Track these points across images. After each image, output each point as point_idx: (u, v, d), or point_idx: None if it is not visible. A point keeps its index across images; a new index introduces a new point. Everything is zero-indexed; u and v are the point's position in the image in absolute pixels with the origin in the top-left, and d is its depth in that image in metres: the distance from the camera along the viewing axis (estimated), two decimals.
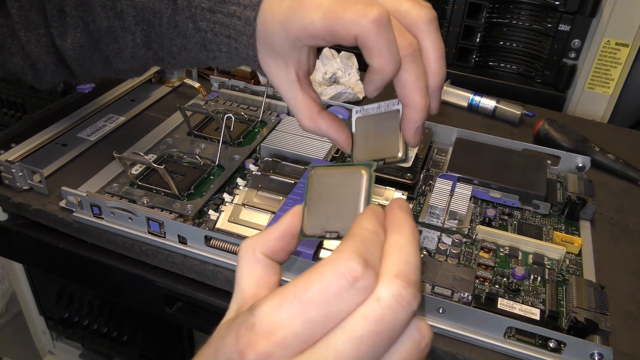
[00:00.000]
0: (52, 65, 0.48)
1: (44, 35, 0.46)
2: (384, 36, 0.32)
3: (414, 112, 0.34)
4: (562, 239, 0.50)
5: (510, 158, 0.59)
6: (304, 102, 0.37)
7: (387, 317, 0.22)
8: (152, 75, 0.74)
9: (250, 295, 0.26)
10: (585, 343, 0.39)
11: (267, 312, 0.22)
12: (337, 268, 0.22)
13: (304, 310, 0.22)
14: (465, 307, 0.42)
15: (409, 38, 0.33)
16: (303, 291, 0.22)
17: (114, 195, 0.52)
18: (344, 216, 0.28)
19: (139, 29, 0.43)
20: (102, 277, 0.54)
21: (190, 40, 0.41)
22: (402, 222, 0.26)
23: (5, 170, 0.53)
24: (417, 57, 0.33)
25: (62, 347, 0.87)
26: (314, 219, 0.29)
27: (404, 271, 0.23)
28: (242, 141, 0.61)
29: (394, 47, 0.32)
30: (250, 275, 0.27)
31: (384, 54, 0.32)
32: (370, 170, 0.29)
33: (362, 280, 0.22)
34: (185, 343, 0.74)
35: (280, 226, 0.28)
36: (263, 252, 0.27)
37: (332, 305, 0.22)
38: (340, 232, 0.28)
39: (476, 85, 0.77)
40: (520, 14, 0.78)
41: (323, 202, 0.29)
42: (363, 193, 0.29)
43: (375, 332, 0.21)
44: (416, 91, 0.34)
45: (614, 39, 0.74)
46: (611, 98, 0.78)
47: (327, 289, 0.22)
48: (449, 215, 0.51)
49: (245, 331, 0.22)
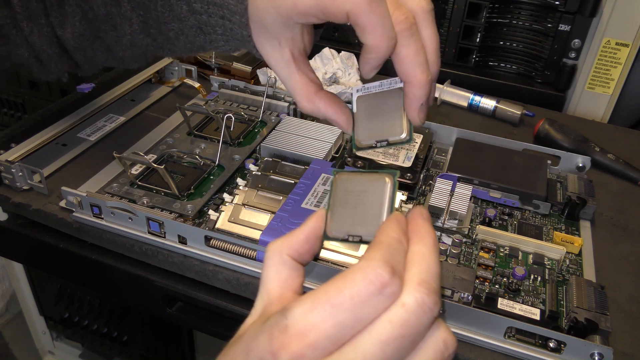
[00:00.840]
0: (55, 56, 0.48)
1: (45, 25, 0.46)
2: (377, 11, 0.31)
3: (416, 89, 0.34)
4: (562, 239, 0.50)
5: (510, 158, 0.59)
6: (301, 82, 0.37)
7: (412, 321, 0.23)
8: (152, 75, 0.74)
9: (276, 297, 0.27)
10: (585, 343, 0.39)
11: (300, 315, 0.23)
12: (366, 275, 0.23)
13: (335, 313, 0.23)
14: (465, 307, 0.42)
15: (404, 12, 0.32)
16: (334, 296, 0.23)
17: (114, 195, 0.52)
18: (368, 221, 0.30)
19: (135, 15, 0.42)
20: (102, 277, 0.54)
21: (186, 23, 0.40)
22: (425, 232, 0.27)
23: (5, 170, 0.53)
24: (415, 31, 0.32)
25: (62, 347, 0.87)
26: (338, 222, 0.30)
27: (427, 279, 0.24)
28: (242, 141, 0.61)
29: (388, 22, 0.31)
30: (276, 276, 0.28)
31: (378, 30, 0.31)
32: (394, 178, 0.30)
33: (389, 286, 0.23)
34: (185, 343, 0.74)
35: (305, 229, 0.29)
36: (289, 254, 0.28)
37: (361, 310, 0.23)
38: (363, 237, 0.30)
39: (476, 85, 0.77)
40: (520, 14, 0.78)
41: (347, 207, 0.30)
42: (387, 200, 0.30)
43: (401, 336, 0.23)
44: (416, 66, 0.33)
45: (614, 39, 0.74)
46: (611, 98, 0.78)
47: (357, 295, 0.23)
48: (449, 215, 0.51)
49: (279, 332, 0.23)
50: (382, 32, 0.32)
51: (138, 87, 0.72)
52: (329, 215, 0.30)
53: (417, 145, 0.59)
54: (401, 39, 0.32)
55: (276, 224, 0.47)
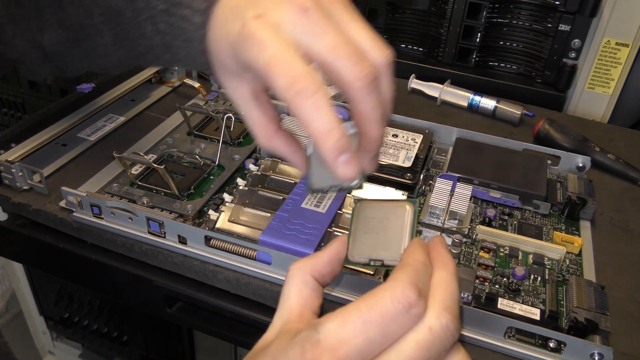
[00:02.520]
0: (37, 60, 0.47)
1: (27, 30, 0.46)
2: (306, 110, 0.30)
3: (369, 143, 0.34)
4: (562, 239, 0.50)
5: (510, 158, 0.59)
6: (260, 120, 0.36)
7: (436, 345, 0.25)
8: (152, 75, 0.74)
9: (296, 314, 0.28)
10: (585, 343, 0.39)
11: (331, 330, 0.25)
12: (395, 295, 0.25)
13: (366, 329, 0.24)
14: (465, 307, 0.42)
15: (366, 67, 0.31)
16: (366, 312, 0.25)
17: (114, 195, 0.52)
18: (389, 246, 0.31)
19: (106, 28, 0.42)
20: (102, 277, 0.54)
21: (153, 41, 0.40)
22: (447, 259, 0.29)
23: (5, 170, 0.53)
24: (374, 87, 0.32)
25: (62, 347, 0.87)
26: (359, 247, 0.32)
27: (450, 306, 0.26)
28: (242, 141, 0.61)
29: (322, 114, 0.30)
30: (298, 294, 0.29)
31: (310, 125, 0.31)
32: (415, 206, 0.32)
33: (415, 307, 0.25)
34: (185, 343, 0.74)
35: (329, 252, 0.30)
36: (312, 274, 0.29)
37: (390, 327, 0.25)
38: (385, 261, 0.31)
39: (476, 85, 0.77)
40: (520, 14, 0.78)
41: (368, 233, 0.32)
42: (408, 226, 0.32)
43: (426, 357, 0.25)
44: (372, 123, 0.33)
45: (614, 39, 0.74)
46: (611, 98, 0.78)
47: (386, 312, 0.25)
48: (449, 215, 0.51)
49: (311, 346, 0.24)
50: (315, 126, 0.30)
51: (138, 87, 0.72)
52: (351, 240, 0.32)
53: (417, 145, 0.59)
54: (360, 96, 0.32)
55: (276, 223, 0.47)
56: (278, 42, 0.31)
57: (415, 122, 0.64)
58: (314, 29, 0.31)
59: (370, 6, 0.85)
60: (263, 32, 0.31)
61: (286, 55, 0.31)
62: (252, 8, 0.32)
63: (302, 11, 0.31)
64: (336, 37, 0.31)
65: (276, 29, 0.31)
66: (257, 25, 0.31)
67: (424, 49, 0.87)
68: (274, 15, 0.31)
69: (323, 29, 0.31)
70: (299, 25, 0.31)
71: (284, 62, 0.30)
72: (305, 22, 0.31)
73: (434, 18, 0.83)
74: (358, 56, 0.31)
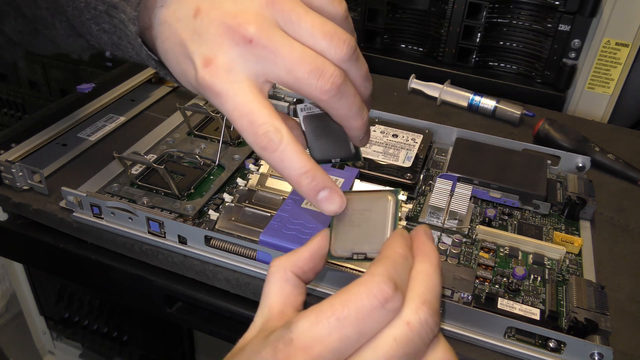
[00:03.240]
0: (5, 44, 0.47)
1: None
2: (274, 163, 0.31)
3: (354, 131, 0.34)
4: (562, 239, 0.50)
5: (510, 158, 0.59)
6: None
7: (415, 340, 0.24)
8: (152, 75, 0.74)
9: (277, 312, 0.27)
10: (585, 343, 0.39)
11: (304, 328, 0.23)
12: (370, 289, 0.24)
13: (340, 327, 0.23)
14: (465, 307, 0.42)
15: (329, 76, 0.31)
16: (339, 309, 0.24)
17: (114, 195, 0.52)
18: (372, 239, 0.30)
19: (57, 21, 0.41)
20: (102, 277, 0.54)
21: (101, 40, 0.39)
22: (430, 250, 0.28)
23: (5, 170, 0.53)
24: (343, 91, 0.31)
25: (62, 347, 0.87)
26: (341, 241, 0.31)
27: (430, 299, 0.25)
28: (242, 141, 0.61)
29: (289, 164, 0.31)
30: (279, 292, 0.28)
31: (283, 174, 0.31)
32: (397, 196, 0.31)
33: (392, 302, 0.24)
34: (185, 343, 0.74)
35: (310, 247, 0.29)
36: (293, 271, 0.29)
37: (365, 324, 0.23)
38: (367, 254, 0.30)
39: (476, 85, 0.77)
40: (520, 14, 0.78)
41: (350, 226, 0.31)
42: (390, 217, 0.30)
43: (404, 354, 0.24)
44: (351, 118, 0.33)
45: (614, 39, 0.74)
46: (611, 98, 0.78)
47: (361, 308, 0.23)
48: (449, 215, 0.51)
49: (283, 346, 0.23)
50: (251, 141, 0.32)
51: (138, 87, 0.72)
52: (333, 234, 0.31)
53: (417, 145, 0.59)
54: (331, 104, 0.32)
55: (276, 223, 0.47)
56: (234, 92, 0.31)
57: (415, 122, 0.64)
58: (265, 57, 0.31)
59: (370, 6, 0.85)
60: (218, 83, 0.31)
61: (244, 107, 0.31)
62: (197, 48, 0.32)
63: (246, 43, 0.31)
64: (289, 57, 0.31)
65: (229, 73, 0.31)
66: (210, 76, 0.31)
67: (424, 49, 0.87)
68: (221, 58, 0.31)
69: (273, 52, 0.31)
70: (248, 59, 0.31)
71: (244, 116, 0.31)
72: (254, 53, 0.31)
73: (434, 18, 0.83)
74: (317, 70, 0.31)
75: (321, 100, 0.32)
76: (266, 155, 0.31)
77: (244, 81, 0.31)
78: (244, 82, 0.31)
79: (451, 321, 0.43)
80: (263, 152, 0.31)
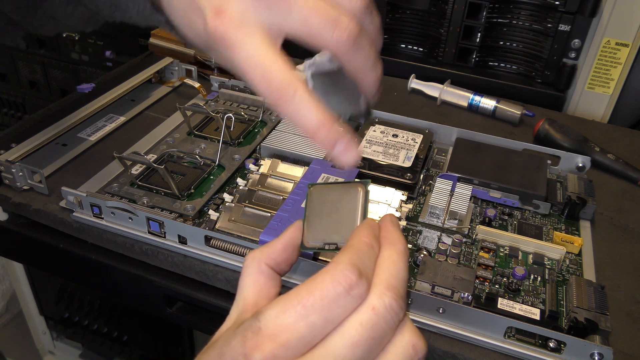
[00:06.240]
0: (5, 26, 0.46)
1: None
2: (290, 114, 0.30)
3: (369, 86, 0.33)
4: (562, 239, 0.50)
5: (510, 158, 0.59)
6: None
7: (380, 325, 0.24)
8: (152, 75, 0.74)
9: (251, 304, 0.28)
10: (585, 343, 0.39)
11: (272, 317, 0.24)
12: (335, 277, 0.24)
13: (307, 314, 0.24)
14: (465, 307, 0.42)
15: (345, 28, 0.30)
16: (305, 297, 0.24)
17: (114, 195, 0.52)
18: (342, 229, 0.31)
19: None
20: (102, 277, 0.54)
21: (100, 1, 0.38)
22: (396, 238, 0.28)
23: (5, 170, 0.53)
24: (359, 43, 0.31)
25: (62, 347, 0.87)
26: (314, 232, 0.31)
27: (394, 284, 0.25)
28: (242, 141, 0.61)
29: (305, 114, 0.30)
30: (253, 284, 0.28)
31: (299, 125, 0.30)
32: (366, 187, 0.32)
33: (356, 288, 0.24)
34: (185, 343, 0.74)
35: (283, 239, 0.30)
36: (267, 263, 0.29)
37: (331, 310, 0.24)
38: (338, 244, 0.31)
39: (476, 85, 0.77)
40: (520, 14, 0.78)
41: (322, 217, 0.32)
42: (360, 208, 0.31)
43: (371, 338, 0.24)
44: (366, 70, 0.32)
45: (614, 39, 0.74)
46: (611, 98, 0.78)
47: (327, 295, 0.24)
48: (449, 215, 0.51)
49: (252, 335, 0.24)
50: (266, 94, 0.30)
51: (138, 87, 0.72)
52: (305, 225, 0.32)
53: (417, 145, 0.59)
54: (347, 55, 0.31)
55: (276, 223, 0.47)
56: (248, 42, 0.30)
57: (415, 122, 0.64)
58: (278, 7, 0.30)
59: None
60: (230, 34, 0.30)
61: (258, 57, 0.30)
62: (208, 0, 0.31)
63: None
64: (304, 6, 0.30)
65: (241, 24, 0.30)
66: (222, 26, 0.30)
67: (424, 49, 0.87)
68: (233, 8, 0.30)
69: (287, 1, 0.30)
70: (261, 9, 0.30)
71: (257, 66, 0.30)
72: (267, 3, 0.30)
73: (434, 18, 0.83)
74: (332, 21, 0.30)
75: (337, 51, 0.31)
76: (280, 108, 0.30)
77: (257, 32, 0.30)
78: (257, 32, 0.30)
79: (451, 321, 0.43)
80: (277, 103, 0.30)
